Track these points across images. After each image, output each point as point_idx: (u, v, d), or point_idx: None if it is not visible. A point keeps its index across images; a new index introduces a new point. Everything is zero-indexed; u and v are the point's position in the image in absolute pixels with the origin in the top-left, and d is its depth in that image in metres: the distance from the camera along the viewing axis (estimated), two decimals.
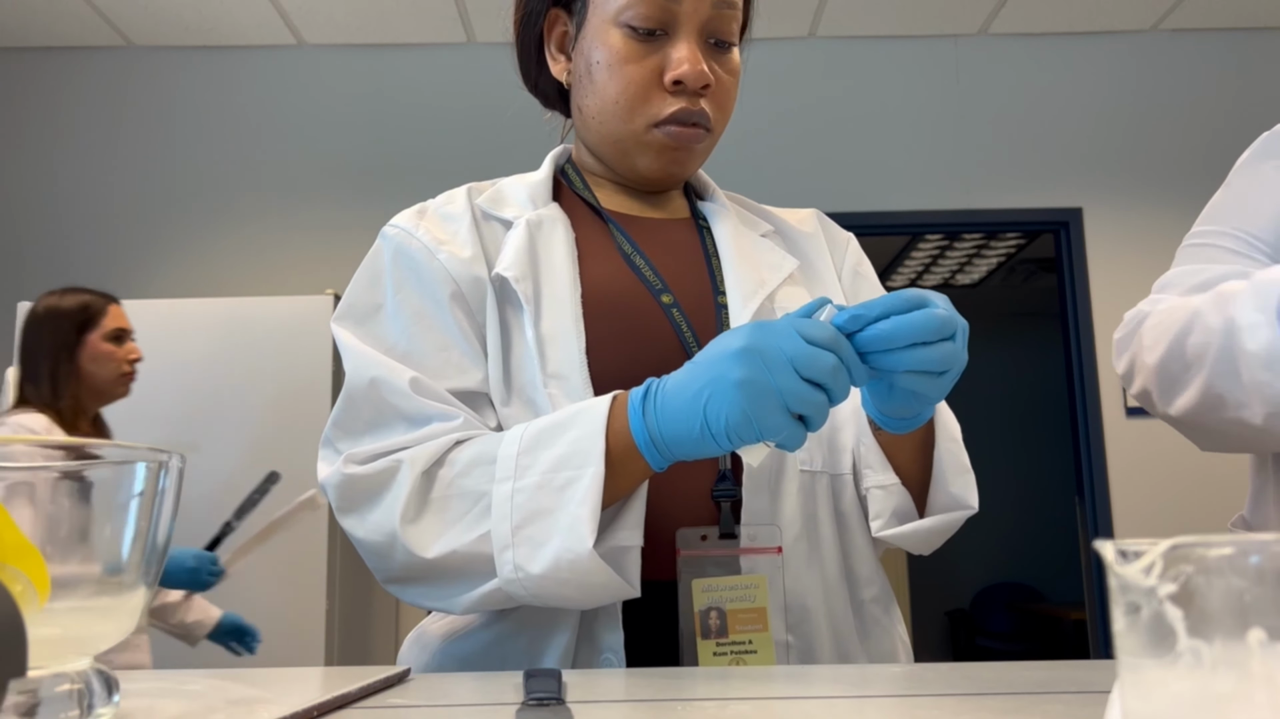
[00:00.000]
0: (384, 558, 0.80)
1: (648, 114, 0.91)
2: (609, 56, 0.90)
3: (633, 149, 0.93)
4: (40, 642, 0.37)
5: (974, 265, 6.42)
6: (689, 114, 0.90)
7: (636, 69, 0.90)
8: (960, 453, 0.88)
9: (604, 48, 0.90)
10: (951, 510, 0.86)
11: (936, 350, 0.69)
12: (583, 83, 0.94)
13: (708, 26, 0.90)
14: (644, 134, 0.91)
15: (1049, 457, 6.70)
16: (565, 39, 0.97)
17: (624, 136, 0.92)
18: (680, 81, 0.89)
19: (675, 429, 0.71)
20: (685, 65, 0.88)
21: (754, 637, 0.81)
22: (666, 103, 0.90)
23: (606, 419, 0.75)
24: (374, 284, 0.91)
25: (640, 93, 0.90)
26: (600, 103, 0.92)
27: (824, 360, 0.67)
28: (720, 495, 0.85)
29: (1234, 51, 3.89)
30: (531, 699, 0.54)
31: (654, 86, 0.90)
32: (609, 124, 0.93)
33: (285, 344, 2.78)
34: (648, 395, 0.74)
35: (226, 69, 3.85)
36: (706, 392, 0.69)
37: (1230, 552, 0.27)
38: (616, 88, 0.90)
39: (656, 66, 0.90)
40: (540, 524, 0.74)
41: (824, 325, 0.69)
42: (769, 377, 0.67)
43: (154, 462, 0.47)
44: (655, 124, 0.91)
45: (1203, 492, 3.44)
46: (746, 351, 0.68)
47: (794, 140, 3.82)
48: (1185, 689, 0.27)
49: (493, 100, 3.62)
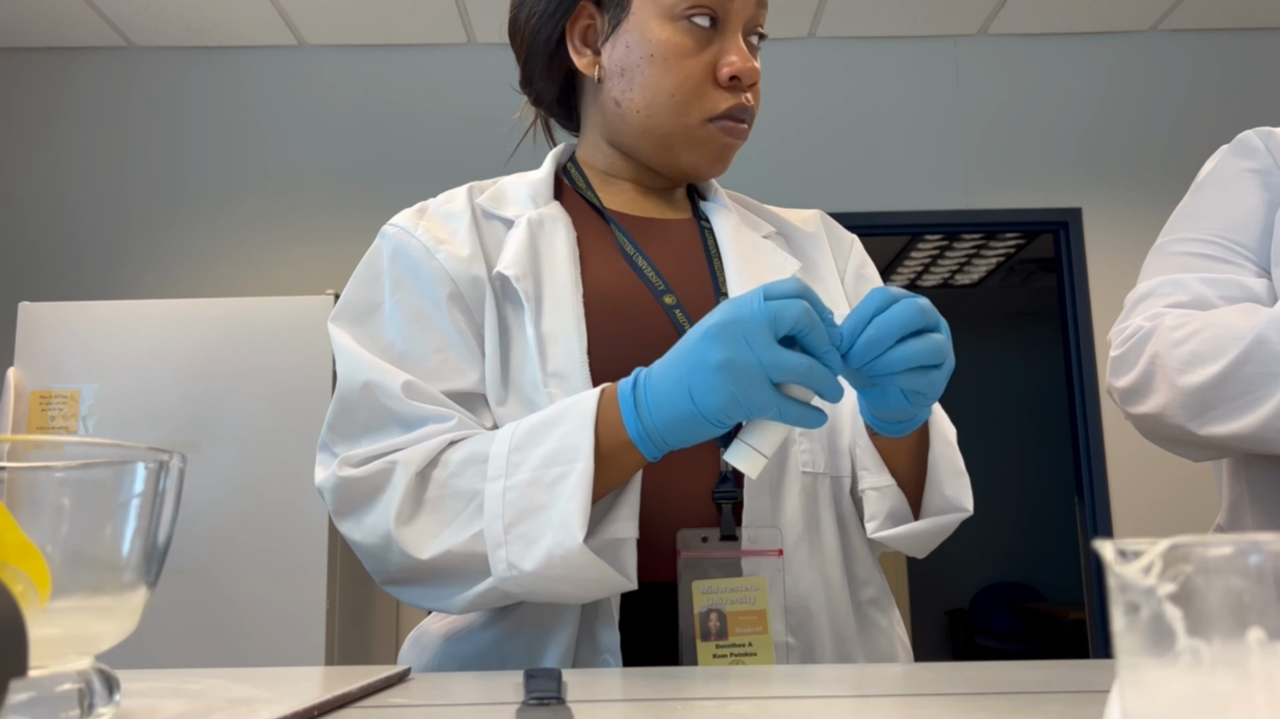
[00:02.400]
0: (380, 560, 0.80)
1: (703, 108, 0.91)
2: (664, 50, 0.90)
3: (681, 143, 0.93)
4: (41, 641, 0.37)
5: (973, 266, 6.42)
6: (742, 110, 0.92)
7: (693, 63, 0.90)
8: (955, 455, 0.88)
9: (656, 41, 0.90)
10: (946, 513, 0.86)
11: (925, 341, 0.69)
12: (624, 76, 0.93)
13: (750, 23, 0.92)
14: (698, 128, 0.92)
15: (1049, 457, 6.70)
16: (590, 33, 0.96)
17: (674, 130, 0.92)
18: (736, 77, 0.90)
19: (667, 418, 0.71)
20: (741, 62, 0.90)
21: (754, 639, 0.81)
22: (722, 98, 0.91)
23: (595, 413, 0.75)
24: (372, 283, 0.90)
25: (696, 87, 0.90)
26: (650, 96, 0.91)
27: (792, 309, 0.67)
28: (721, 497, 0.85)
29: (1234, 51, 3.89)
30: (532, 699, 0.54)
31: (708, 81, 0.91)
32: (658, 117, 0.92)
33: (285, 344, 2.78)
34: (636, 386, 0.74)
35: (227, 69, 3.85)
36: (688, 379, 0.69)
37: (1230, 551, 0.27)
38: (673, 81, 0.90)
39: (710, 61, 0.91)
40: (532, 521, 0.74)
41: (787, 280, 0.69)
42: (747, 352, 0.66)
43: (154, 462, 0.47)
44: (711, 119, 0.91)
45: (1202, 492, 3.44)
46: (720, 328, 0.68)
47: (794, 140, 3.81)
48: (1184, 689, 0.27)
49: (493, 100, 3.61)
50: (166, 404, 2.73)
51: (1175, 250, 1.05)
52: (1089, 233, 3.76)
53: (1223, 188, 1.06)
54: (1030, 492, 6.71)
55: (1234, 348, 0.90)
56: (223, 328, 2.79)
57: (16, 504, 0.42)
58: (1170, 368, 0.95)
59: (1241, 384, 0.90)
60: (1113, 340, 1.06)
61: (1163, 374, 0.96)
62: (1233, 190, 1.05)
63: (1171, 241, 1.07)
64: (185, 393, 2.74)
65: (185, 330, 2.79)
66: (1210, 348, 0.92)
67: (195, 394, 2.74)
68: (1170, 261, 1.05)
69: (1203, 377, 0.92)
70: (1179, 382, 0.94)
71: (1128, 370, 1.01)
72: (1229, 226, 1.03)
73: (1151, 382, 0.97)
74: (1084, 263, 3.73)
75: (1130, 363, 1.01)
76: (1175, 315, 0.98)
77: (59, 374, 2.74)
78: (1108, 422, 3.61)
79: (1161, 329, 0.98)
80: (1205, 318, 0.95)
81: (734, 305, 0.69)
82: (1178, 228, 1.07)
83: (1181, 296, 1.00)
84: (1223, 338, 0.92)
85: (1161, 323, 0.98)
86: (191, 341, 2.77)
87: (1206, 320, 0.94)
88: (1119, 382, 1.02)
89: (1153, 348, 0.98)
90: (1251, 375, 0.89)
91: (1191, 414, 0.94)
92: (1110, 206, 3.77)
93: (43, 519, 0.43)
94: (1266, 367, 0.88)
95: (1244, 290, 0.99)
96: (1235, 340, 0.91)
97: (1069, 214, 3.78)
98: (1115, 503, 3.56)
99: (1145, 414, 0.99)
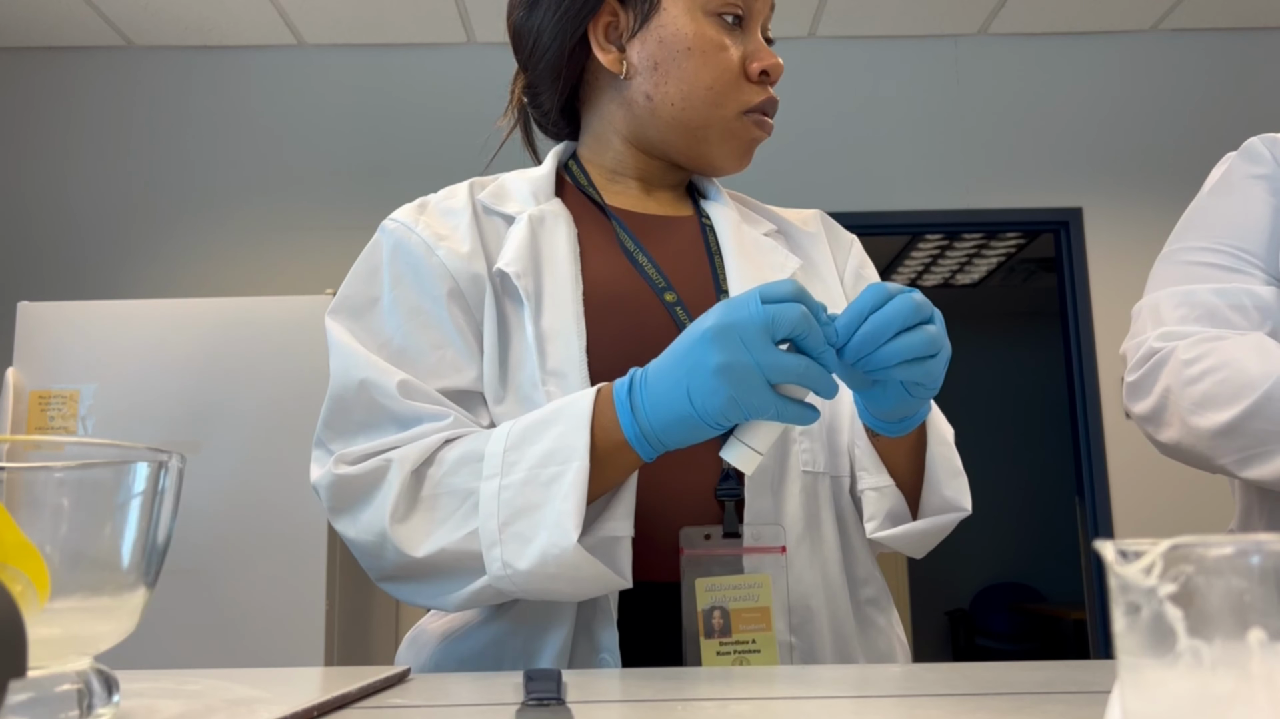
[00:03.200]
0: (375, 557, 0.80)
1: (739, 101, 0.94)
2: (701, 43, 0.92)
3: (716, 135, 0.95)
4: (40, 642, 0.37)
5: (974, 265, 6.42)
6: (773, 104, 0.96)
7: (729, 57, 0.93)
8: (953, 455, 0.88)
9: (693, 35, 0.92)
10: (944, 513, 0.87)
11: (920, 334, 0.70)
12: (658, 70, 0.93)
13: (765, 23, 0.97)
14: (733, 121, 0.94)
15: (1049, 457, 6.70)
16: (612, 30, 0.96)
17: (710, 123, 0.94)
18: (766, 72, 0.94)
19: (664, 419, 0.72)
20: (770, 57, 0.94)
21: (757, 636, 0.81)
22: (755, 92, 0.94)
23: (591, 413, 0.75)
24: (371, 278, 0.90)
25: (733, 80, 0.93)
26: (688, 89, 0.93)
27: (790, 313, 0.67)
28: (724, 495, 0.85)
29: (1234, 51, 3.89)
30: (531, 699, 0.54)
31: (740, 75, 0.94)
32: (694, 110, 0.93)
33: (285, 344, 2.78)
34: (633, 388, 0.74)
35: (227, 69, 3.85)
36: (687, 380, 0.70)
37: (1230, 552, 0.27)
38: (711, 74, 0.92)
39: (741, 57, 0.94)
40: (527, 520, 0.74)
41: (784, 282, 0.69)
42: (745, 355, 0.67)
43: (154, 462, 0.47)
44: (745, 111, 0.94)
45: (1202, 492, 3.44)
46: (717, 331, 0.68)
47: (794, 140, 3.81)
48: (1185, 689, 0.27)
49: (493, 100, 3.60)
50: (166, 404, 2.73)
51: (1183, 259, 1.05)
52: (1089, 233, 3.76)
53: (1230, 195, 1.06)
54: (1030, 492, 6.71)
55: (1246, 397, 0.91)
56: (223, 328, 2.79)
57: (16, 504, 0.42)
58: (1183, 406, 0.96)
59: (1250, 437, 0.91)
60: (1126, 358, 1.06)
61: (1175, 409, 0.97)
62: (1240, 197, 1.05)
63: (1179, 250, 1.06)
64: (185, 393, 2.74)
65: (185, 330, 2.78)
66: (1222, 392, 0.93)
67: (195, 394, 2.74)
68: (1179, 271, 1.05)
69: (1213, 422, 0.93)
70: (1190, 421, 0.95)
71: (1143, 398, 1.02)
72: (1237, 234, 1.03)
73: (1164, 414, 0.99)
74: (1085, 263, 3.73)
75: (1145, 390, 1.01)
76: (1189, 344, 0.98)
77: (58, 374, 2.74)
78: (1108, 422, 3.61)
79: (1175, 360, 0.98)
80: (1219, 354, 0.95)
81: (731, 308, 0.69)
82: (1185, 236, 1.07)
83: (1192, 310, 1.00)
84: (1235, 383, 0.92)
85: (1175, 352, 0.98)
86: (191, 341, 2.77)
87: (1220, 358, 0.94)
88: (1136, 407, 1.03)
89: (1166, 379, 0.98)
90: (1260, 431, 0.91)
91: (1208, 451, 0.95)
92: (1111, 206, 3.77)
93: (42, 519, 0.43)
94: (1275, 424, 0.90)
95: (1253, 299, 0.99)
96: (1248, 389, 0.91)
97: (1069, 214, 3.78)
98: (1115, 503, 3.56)
99: (1163, 442, 1.01)
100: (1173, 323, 1.01)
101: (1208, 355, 0.95)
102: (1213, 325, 0.99)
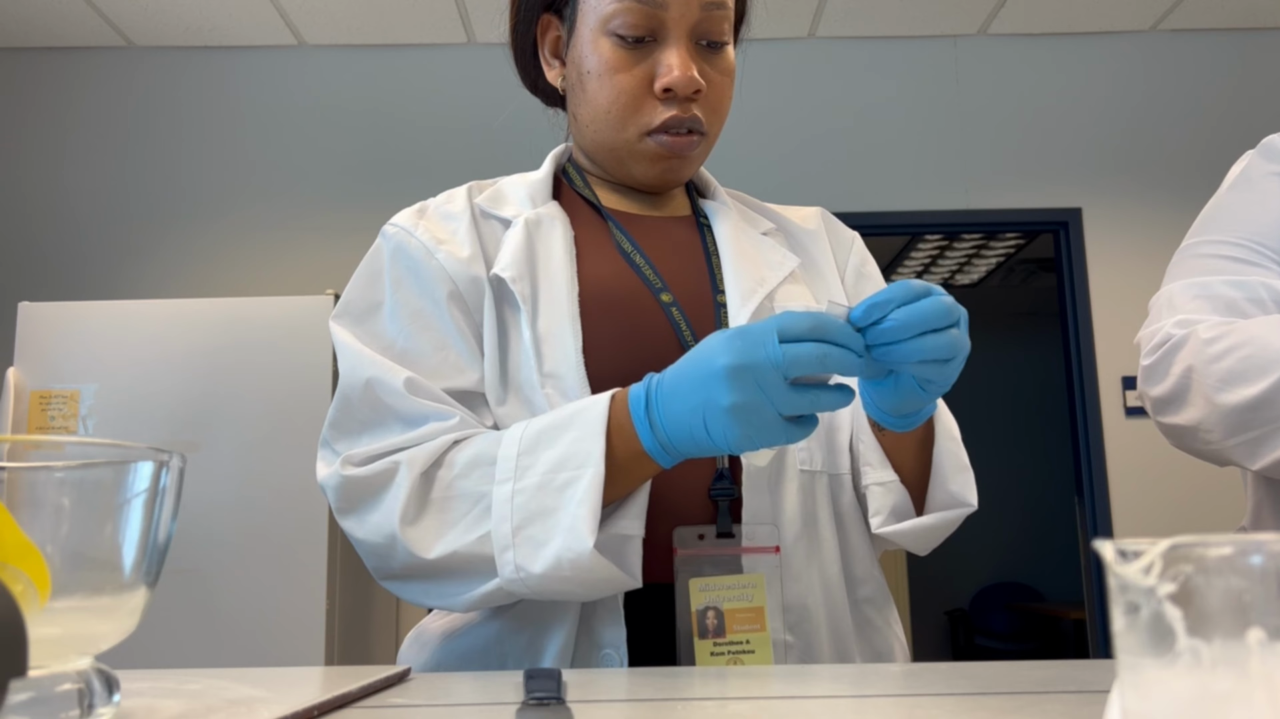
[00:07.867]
0: (384, 558, 0.80)
1: (639, 123, 0.90)
2: (599, 65, 0.90)
3: (627, 157, 0.93)
4: (40, 641, 0.37)
5: (973, 265, 6.42)
6: (680, 121, 0.89)
7: (626, 78, 0.89)
8: (959, 451, 0.88)
9: (594, 56, 0.90)
10: (950, 508, 0.86)
11: (945, 337, 0.69)
12: (575, 90, 0.94)
13: (698, 29, 0.90)
14: (637, 143, 0.91)
15: (1049, 457, 6.70)
16: (558, 44, 0.97)
17: (618, 145, 0.93)
18: (670, 89, 0.88)
19: (681, 437, 0.72)
20: (675, 72, 0.87)
21: (751, 636, 0.81)
22: (658, 111, 0.89)
23: (606, 419, 0.75)
24: (373, 283, 0.91)
25: (631, 102, 0.90)
26: (593, 111, 0.92)
27: (807, 353, 0.67)
28: (718, 494, 0.85)
29: (1234, 51, 3.89)
30: (532, 699, 0.54)
31: (645, 94, 0.89)
32: (602, 132, 0.93)
33: (285, 344, 2.78)
34: (650, 402, 0.74)
35: (227, 69, 3.85)
36: (703, 412, 0.70)
37: (1230, 551, 0.27)
38: (608, 97, 0.90)
39: (647, 74, 0.89)
40: (541, 524, 0.74)
41: (803, 315, 0.68)
42: (759, 395, 0.67)
43: (154, 462, 0.47)
44: (648, 133, 0.90)
45: (1202, 491, 3.44)
46: (732, 371, 0.68)
47: (794, 140, 3.81)
48: (1185, 689, 0.27)
49: (493, 100, 3.62)
50: (166, 404, 2.73)
51: (1201, 253, 1.05)
52: (1089, 233, 3.76)
53: (1249, 191, 1.07)
54: (1030, 492, 6.71)
55: (1274, 371, 0.90)
56: (223, 328, 2.79)
57: (16, 504, 0.42)
58: (1207, 383, 0.94)
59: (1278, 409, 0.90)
60: (1141, 346, 1.05)
61: (1199, 388, 0.95)
62: (1259, 193, 1.05)
63: (1197, 244, 1.07)
64: (185, 393, 2.74)
65: (185, 330, 2.78)
66: (1249, 367, 0.92)
67: (195, 394, 2.74)
68: (1196, 264, 1.05)
69: (1241, 397, 0.91)
70: (1216, 398, 0.93)
71: (1160, 380, 1.00)
72: (1255, 229, 1.03)
73: (1187, 394, 0.97)
74: (1084, 263, 3.73)
75: (1162, 373, 1.00)
76: (1209, 326, 0.97)
77: (59, 374, 2.74)
78: (1108, 422, 3.61)
79: (1195, 340, 0.96)
80: (1242, 332, 0.94)
81: (748, 345, 0.68)
82: (1203, 230, 1.07)
83: (1208, 301, 1.00)
84: (1261, 358, 0.91)
85: (1195, 333, 0.97)
86: (191, 342, 2.77)
87: (1244, 336, 0.93)
88: (1152, 390, 1.01)
89: (1187, 359, 0.97)
90: None
91: (1229, 431, 0.93)
92: (1110, 206, 3.77)
93: (43, 519, 0.43)
94: None
95: (1271, 292, 0.99)
96: (1275, 363, 0.90)
97: (1069, 214, 3.78)
98: (1115, 503, 3.56)
99: (1179, 425, 0.98)
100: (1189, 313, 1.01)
101: (1230, 334, 0.94)
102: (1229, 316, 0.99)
